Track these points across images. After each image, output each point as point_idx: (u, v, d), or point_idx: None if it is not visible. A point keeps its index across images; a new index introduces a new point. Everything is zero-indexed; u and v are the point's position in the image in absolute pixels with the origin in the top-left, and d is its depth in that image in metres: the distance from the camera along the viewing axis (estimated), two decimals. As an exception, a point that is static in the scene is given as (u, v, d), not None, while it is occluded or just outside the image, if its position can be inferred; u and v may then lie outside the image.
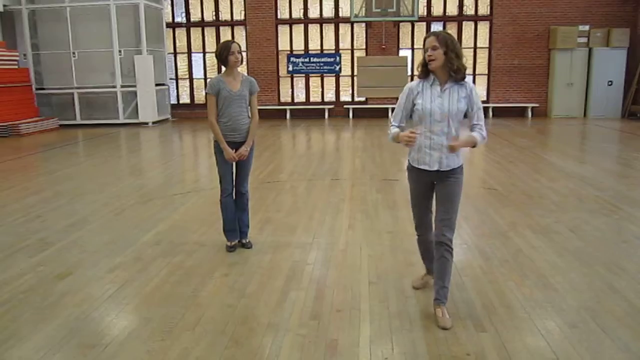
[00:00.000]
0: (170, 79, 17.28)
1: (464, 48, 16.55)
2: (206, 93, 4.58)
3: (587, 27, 15.63)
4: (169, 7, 17.09)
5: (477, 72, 16.79)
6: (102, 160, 9.91)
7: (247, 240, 4.82)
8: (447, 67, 3.30)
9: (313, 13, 16.88)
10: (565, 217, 5.62)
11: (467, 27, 16.58)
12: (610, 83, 15.73)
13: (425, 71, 3.38)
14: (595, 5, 15.85)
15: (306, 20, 16.89)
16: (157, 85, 15.53)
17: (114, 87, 15.25)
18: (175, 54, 17.49)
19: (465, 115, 3.44)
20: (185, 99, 17.83)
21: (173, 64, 17.50)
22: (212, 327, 3.31)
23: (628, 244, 4.82)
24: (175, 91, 17.71)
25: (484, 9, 16.39)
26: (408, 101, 3.44)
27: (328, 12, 16.82)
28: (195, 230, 5.33)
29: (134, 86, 15.15)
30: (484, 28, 16.52)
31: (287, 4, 16.82)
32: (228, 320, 3.40)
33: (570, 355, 2.95)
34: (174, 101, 17.55)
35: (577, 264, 4.31)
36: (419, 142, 3.37)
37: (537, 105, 16.37)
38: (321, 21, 16.89)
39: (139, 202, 6.53)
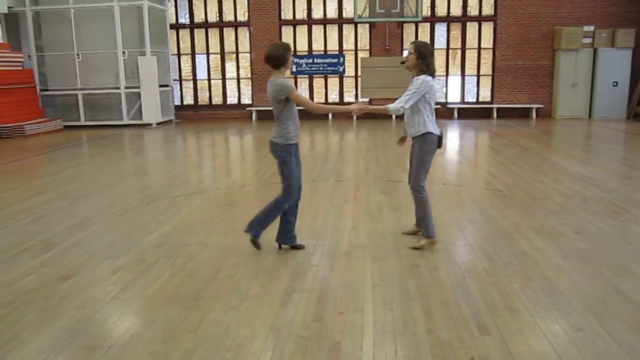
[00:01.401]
0: (174, 80, 17.30)
1: (468, 49, 16.55)
2: (293, 90, 4.49)
3: (592, 28, 15.56)
4: (173, 8, 17.11)
5: (481, 73, 16.75)
6: (105, 162, 9.92)
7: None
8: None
9: (317, 14, 16.87)
10: (570, 219, 5.59)
11: (471, 28, 16.54)
12: (615, 84, 15.66)
13: None
14: (600, 6, 15.79)
15: (310, 21, 16.88)
16: (160, 86, 15.55)
17: (118, 88, 15.28)
18: (178, 55, 17.51)
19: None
20: (189, 100, 17.84)
21: (177, 65, 17.51)
22: (215, 329, 3.29)
23: (634, 245, 4.79)
24: (179, 92, 17.72)
25: (488, 10, 16.35)
26: None
27: (332, 12, 16.82)
28: (199, 232, 5.32)
29: (138, 87, 15.18)
30: (488, 28, 16.48)
31: (291, 5, 16.82)
32: (231, 322, 3.38)
33: (575, 359, 2.92)
34: (177, 102, 17.57)
35: (581, 266, 4.28)
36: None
37: (541, 106, 16.32)
38: (325, 22, 16.88)
39: (143, 204, 6.53)
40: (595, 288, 3.86)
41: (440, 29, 16.68)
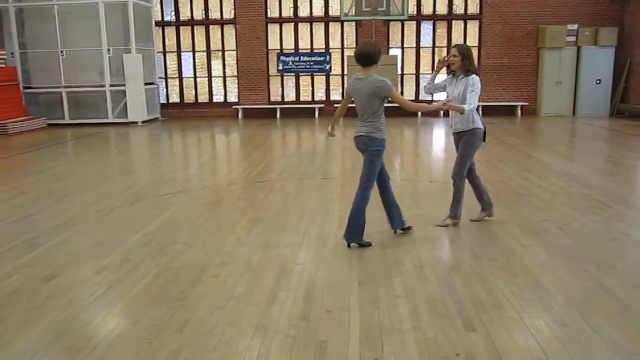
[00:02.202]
0: (160, 78, 17.17)
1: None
2: (393, 87, 4.63)
3: (575, 27, 15.69)
4: (159, 5, 16.98)
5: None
6: (91, 160, 9.84)
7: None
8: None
9: (303, 12, 16.85)
10: (555, 215, 5.64)
11: (457, 27, 16.60)
12: (598, 82, 15.82)
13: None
14: (583, 5, 15.93)
15: (296, 19, 16.85)
16: (146, 84, 15.42)
17: (103, 86, 15.14)
18: (164, 53, 17.39)
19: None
20: (175, 98, 17.73)
21: (163, 63, 17.39)
22: (201, 329, 3.28)
23: (617, 242, 4.85)
24: (165, 90, 17.60)
25: (473, 9, 16.43)
26: None
27: (318, 11, 16.79)
28: (185, 231, 5.29)
29: (123, 85, 15.04)
30: (473, 27, 16.56)
31: (277, 3, 16.77)
32: (217, 321, 3.37)
33: (560, 355, 2.95)
34: (163, 101, 17.44)
35: (566, 262, 4.32)
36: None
37: (526, 104, 16.43)
38: (311, 20, 16.85)
39: (128, 203, 6.49)
40: (580, 284, 3.90)
41: (427, 27, 16.73)
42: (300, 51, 16.96)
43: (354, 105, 4.84)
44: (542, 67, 16.17)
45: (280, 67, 16.93)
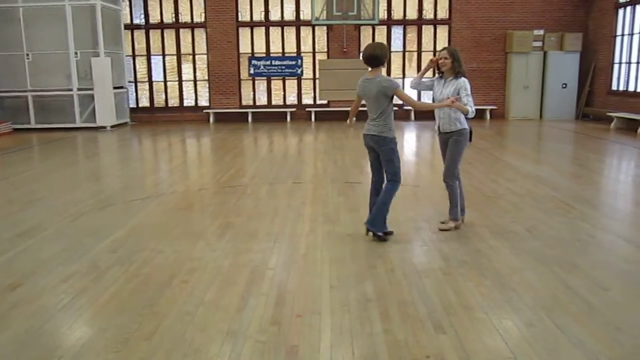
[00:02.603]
0: (129, 81, 16.94)
1: (424, 51, 16.80)
2: (399, 86, 4.88)
3: (541, 32, 16.04)
4: (127, 8, 16.76)
5: (437, 76, 16.99)
6: (57, 166, 9.64)
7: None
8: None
9: (274, 16, 16.83)
10: (522, 217, 5.74)
11: (427, 31, 16.80)
12: (564, 86, 16.18)
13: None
14: (549, 11, 16.29)
15: (267, 23, 16.83)
16: (115, 88, 15.19)
17: (70, 90, 14.85)
18: (133, 56, 17.16)
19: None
20: (144, 102, 17.52)
21: (132, 67, 17.16)
22: (170, 336, 3.24)
23: (581, 242, 4.95)
24: (135, 94, 17.37)
25: (442, 13, 16.64)
26: None
27: (289, 15, 16.80)
28: (154, 237, 5.22)
29: (91, 89, 14.79)
30: (443, 32, 16.77)
31: (248, 7, 16.72)
32: (186, 328, 3.33)
33: (527, 354, 3.00)
34: (133, 105, 17.21)
35: (533, 263, 4.40)
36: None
37: (495, 107, 16.70)
38: (282, 24, 16.85)
39: (96, 209, 6.37)
40: (546, 284, 3.97)
41: (397, 31, 16.88)
42: (271, 55, 16.94)
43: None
44: (509, 71, 16.47)
45: (252, 71, 16.88)
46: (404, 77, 16.99)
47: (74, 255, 4.71)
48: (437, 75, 5.32)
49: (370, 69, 4.90)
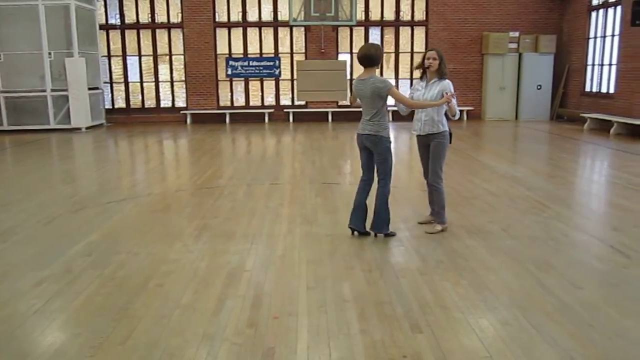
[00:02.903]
0: (105, 82, 16.72)
1: (401, 52, 16.89)
2: (393, 86, 4.88)
3: (517, 34, 16.25)
4: (102, 8, 16.53)
5: (414, 77, 17.12)
6: (31, 168, 9.46)
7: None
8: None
9: (252, 17, 16.77)
10: (498, 217, 5.80)
11: (404, 32, 16.90)
12: (539, 87, 16.42)
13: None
14: (524, 13, 16.50)
15: (245, 24, 16.75)
16: (90, 89, 14.97)
17: (44, 91, 14.60)
18: (109, 56, 16.94)
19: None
20: (120, 103, 17.29)
21: (107, 67, 16.94)
22: (145, 340, 3.19)
23: (555, 241, 5.02)
24: (110, 95, 17.14)
25: (420, 15, 16.75)
26: None
27: (267, 15, 16.75)
28: (129, 240, 5.15)
29: (66, 90, 14.56)
30: (420, 33, 16.89)
31: (226, 7, 16.63)
32: (162, 331, 3.29)
33: (502, 353, 3.03)
34: (108, 106, 16.98)
35: (509, 262, 4.45)
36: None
37: (472, 108, 16.86)
38: (260, 25, 16.79)
39: (70, 211, 6.27)
40: (521, 283, 4.02)
41: (374, 33, 16.94)
42: (249, 56, 16.87)
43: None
44: (485, 73, 16.65)
45: (229, 72, 16.79)
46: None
47: (46, 259, 4.62)
48: (421, 77, 5.24)
49: (364, 69, 4.92)
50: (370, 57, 4.83)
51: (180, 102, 17.22)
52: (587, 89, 15.49)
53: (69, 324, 3.46)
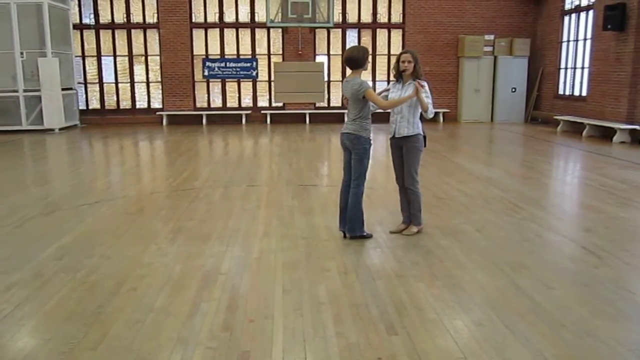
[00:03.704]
0: (79, 83, 16.46)
1: (379, 55, 16.97)
2: (369, 88, 4.86)
3: (492, 37, 16.46)
4: (76, 7, 16.29)
5: (390, 79, 17.16)
6: (1, 169, 9.27)
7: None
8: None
9: (229, 17, 16.68)
10: (473, 218, 5.85)
11: (381, 34, 16.99)
12: (513, 90, 16.65)
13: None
14: (499, 17, 16.72)
15: (222, 25, 16.66)
16: (63, 89, 14.73)
17: (16, 91, 14.32)
18: (83, 57, 16.69)
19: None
20: (95, 104, 17.05)
21: (81, 68, 16.68)
22: (117, 345, 3.14)
23: (529, 242, 5.09)
24: (84, 96, 16.88)
25: (396, 17, 16.85)
26: None
27: (244, 16, 16.68)
28: (103, 243, 5.07)
29: (38, 90, 14.30)
30: (397, 35, 16.99)
31: (202, 8, 16.52)
32: (135, 336, 3.24)
33: (476, 354, 3.05)
34: (82, 106, 16.73)
35: (483, 263, 4.49)
36: None
37: (447, 110, 17.01)
38: (237, 26, 16.71)
39: (42, 214, 6.15)
40: (495, 283, 4.06)
41: (352, 35, 16.99)
42: (226, 57, 16.78)
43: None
44: (461, 75, 16.83)
45: (206, 73, 16.68)
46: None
47: (17, 263, 4.53)
48: (397, 79, 5.17)
49: (351, 70, 4.99)
50: (353, 59, 4.86)
51: (156, 103, 17.05)
52: (560, 91, 15.76)
53: (39, 329, 3.39)
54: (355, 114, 4.92)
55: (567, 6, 15.37)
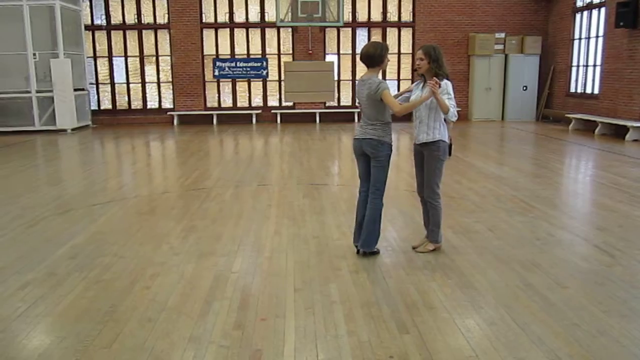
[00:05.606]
0: (91, 83, 16.59)
1: (389, 54, 16.89)
2: (386, 89, 4.39)
3: (503, 35, 16.37)
4: (88, 8, 16.42)
5: (401, 77, 17.19)
6: (15, 170, 9.36)
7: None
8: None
9: (239, 17, 16.73)
10: (484, 217, 5.83)
11: (391, 33, 16.95)
12: (525, 88, 16.55)
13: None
14: (510, 14, 16.63)
15: (232, 25, 16.71)
16: (76, 90, 14.86)
17: (29, 92, 14.47)
18: (95, 57, 16.82)
19: None
20: (106, 104, 17.18)
21: (93, 68, 16.82)
22: (131, 343, 3.17)
23: (541, 241, 5.06)
24: (96, 96, 17.02)
25: (407, 16, 16.82)
26: None
27: (254, 16, 16.73)
28: (115, 242, 5.11)
29: (51, 91, 14.44)
30: (407, 34, 16.96)
31: (212, 8, 16.58)
32: (148, 335, 3.27)
33: (488, 352, 3.04)
34: (94, 107, 16.87)
35: (495, 262, 4.47)
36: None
37: (459, 109, 16.84)
38: (247, 25, 16.76)
39: (55, 214, 6.21)
40: (507, 282, 4.04)
41: (362, 34, 16.98)
42: (236, 56, 16.83)
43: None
44: (472, 74, 16.76)
45: (216, 73, 16.75)
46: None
47: (31, 262, 4.57)
48: (418, 80, 4.75)
49: (367, 69, 4.58)
50: (369, 56, 4.45)
51: (167, 104, 17.15)
52: (572, 89, 15.64)
53: (53, 328, 3.42)
54: (376, 117, 4.45)
55: (579, 3, 15.26)
